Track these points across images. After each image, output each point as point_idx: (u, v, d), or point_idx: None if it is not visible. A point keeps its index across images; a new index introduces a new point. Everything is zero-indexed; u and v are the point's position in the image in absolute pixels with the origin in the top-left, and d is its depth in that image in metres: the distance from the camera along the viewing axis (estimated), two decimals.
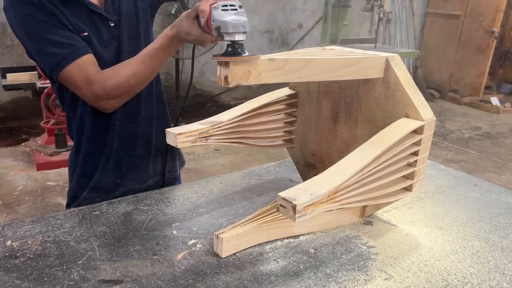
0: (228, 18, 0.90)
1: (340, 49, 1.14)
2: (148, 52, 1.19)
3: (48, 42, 1.15)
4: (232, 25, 0.89)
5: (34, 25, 1.14)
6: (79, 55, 1.17)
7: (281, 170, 1.55)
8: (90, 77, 1.18)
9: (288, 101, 1.29)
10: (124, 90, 1.21)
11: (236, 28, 0.89)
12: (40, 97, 3.77)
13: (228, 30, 0.89)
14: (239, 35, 0.89)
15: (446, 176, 1.55)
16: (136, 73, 1.19)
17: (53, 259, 0.98)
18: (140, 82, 1.22)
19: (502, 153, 4.88)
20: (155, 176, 1.47)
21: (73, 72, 1.17)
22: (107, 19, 1.25)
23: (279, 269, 0.98)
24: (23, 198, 3.38)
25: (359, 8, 5.42)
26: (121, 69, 1.20)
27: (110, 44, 1.26)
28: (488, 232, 1.17)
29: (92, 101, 1.23)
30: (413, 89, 1.04)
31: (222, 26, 0.91)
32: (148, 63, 1.19)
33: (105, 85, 1.18)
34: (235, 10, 0.92)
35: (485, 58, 6.53)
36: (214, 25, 0.94)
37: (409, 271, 0.99)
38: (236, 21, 0.89)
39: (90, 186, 1.36)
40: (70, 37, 1.17)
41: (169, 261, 0.99)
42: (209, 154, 4.42)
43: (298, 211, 0.78)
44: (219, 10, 0.93)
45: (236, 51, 0.88)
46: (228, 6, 0.93)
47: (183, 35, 1.12)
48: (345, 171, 0.88)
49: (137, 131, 1.37)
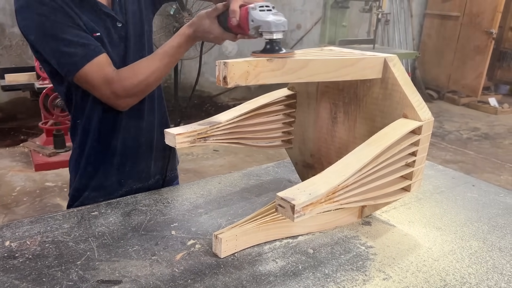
0: (270, 18, 0.96)
1: (338, 50, 1.15)
2: (165, 50, 1.22)
3: (65, 42, 1.16)
4: (274, 24, 0.95)
5: (50, 26, 1.15)
6: (96, 54, 1.18)
7: (280, 171, 1.56)
8: (108, 76, 1.19)
9: (287, 101, 1.30)
10: (143, 88, 1.24)
11: (278, 27, 0.95)
12: (39, 97, 3.77)
13: (271, 29, 0.95)
14: (278, 33, 0.96)
15: (445, 177, 1.56)
16: (154, 71, 1.22)
17: (52, 260, 0.98)
18: (158, 79, 1.25)
19: (500, 153, 4.89)
20: (156, 175, 1.49)
21: (90, 72, 1.18)
22: (116, 19, 1.26)
23: (278, 269, 0.98)
24: (22, 199, 3.37)
25: (358, 9, 5.43)
26: (139, 68, 1.22)
27: (118, 45, 1.28)
28: (486, 232, 1.18)
29: (110, 100, 1.24)
30: (411, 90, 1.04)
31: (264, 25, 0.97)
32: (165, 61, 1.22)
33: (125, 83, 1.20)
34: (270, 11, 0.99)
35: (483, 59, 6.54)
36: (253, 24, 1.00)
37: (407, 271, 0.99)
38: (278, 21, 0.96)
39: (93, 186, 1.37)
40: (85, 37, 1.18)
41: (168, 262, 0.99)
42: (207, 155, 4.42)
43: (297, 211, 0.78)
44: (257, 11, 0.99)
45: (274, 49, 0.94)
46: (264, 7, 1.00)
47: (202, 34, 1.16)
48: (344, 171, 0.89)
49: (140, 131, 1.39)
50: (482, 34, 6.49)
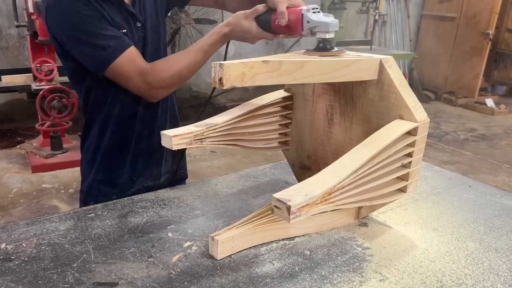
0: (328, 20, 1.05)
1: None
2: (201, 46, 1.26)
3: (97, 36, 1.19)
4: (332, 25, 1.05)
5: (82, 21, 1.18)
6: (127, 46, 1.22)
7: (277, 172, 1.56)
8: (142, 68, 1.23)
9: (283, 103, 1.30)
10: (176, 80, 1.28)
11: (334, 27, 1.05)
12: (35, 99, 3.75)
13: (329, 30, 1.05)
14: (331, 33, 1.05)
15: (441, 178, 1.56)
16: (188, 65, 1.26)
17: (48, 262, 0.98)
18: (191, 73, 1.29)
19: (497, 154, 4.90)
20: (166, 174, 1.52)
21: (124, 64, 1.21)
22: (137, 19, 1.30)
23: (275, 271, 0.98)
24: (18, 201, 3.36)
25: (355, 10, 5.45)
26: (174, 60, 1.26)
27: (137, 44, 1.31)
28: (483, 233, 1.18)
29: (143, 91, 1.28)
30: (407, 91, 1.05)
31: (322, 26, 1.06)
32: (200, 56, 1.27)
33: (160, 75, 1.24)
34: (320, 12, 1.09)
35: (480, 60, 6.56)
36: (309, 25, 1.09)
37: (404, 272, 0.99)
38: (334, 22, 1.05)
39: (108, 182, 1.41)
40: (114, 31, 1.22)
41: (164, 264, 0.99)
42: (205, 156, 4.41)
43: (293, 212, 0.78)
44: (311, 13, 1.09)
45: (326, 47, 1.05)
46: (315, 9, 1.10)
47: (240, 33, 1.22)
48: (340, 173, 0.89)
49: (154, 130, 1.42)
50: (479, 35, 6.51)
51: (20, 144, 4.38)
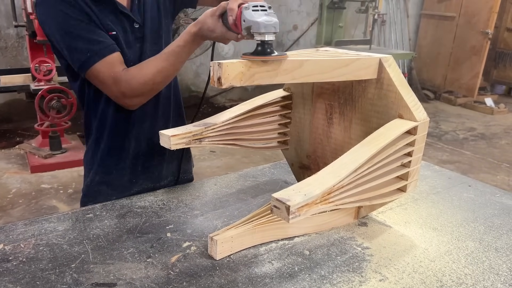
0: (260, 19, 0.93)
1: (333, 50, 1.14)
2: (172, 49, 1.22)
3: (80, 38, 1.18)
4: (264, 25, 0.92)
5: (67, 22, 1.17)
6: (108, 53, 1.19)
7: (276, 172, 1.55)
8: (117, 75, 1.20)
9: (283, 102, 1.29)
10: (150, 87, 1.24)
11: (268, 28, 0.92)
12: (34, 99, 3.74)
13: (260, 30, 0.92)
14: (269, 35, 0.92)
15: (441, 177, 1.56)
16: (161, 70, 1.22)
17: (46, 263, 0.98)
18: (165, 79, 1.25)
19: (497, 153, 4.90)
20: (169, 177, 1.50)
21: (101, 70, 1.19)
22: (133, 20, 1.28)
23: (274, 271, 0.98)
24: (17, 201, 3.35)
25: (354, 9, 5.44)
26: (146, 67, 1.23)
27: (134, 45, 1.29)
28: (483, 233, 1.18)
29: (118, 99, 1.25)
30: (406, 90, 1.04)
31: (254, 26, 0.94)
32: (172, 60, 1.22)
33: (132, 83, 1.21)
34: (265, 11, 0.96)
35: (479, 59, 6.56)
36: (245, 24, 0.97)
37: (403, 272, 0.99)
38: (268, 21, 0.92)
39: (106, 183, 1.39)
40: (100, 34, 1.20)
41: (163, 264, 0.99)
42: (204, 156, 4.41)
43: (292, 212, 0.78)
44: (250, 11, 0.96)
45: (265, 51, 0.91)
46: (258, 6, 0.96)
47: (207, 32, 1.16)
48: (339, 172, 0.88)
49: (154, 132, 1.39)
50: (478, 35, 6.51)
51: (19, 144, 4.37)
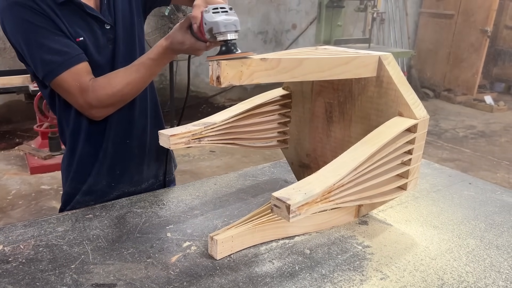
0: (219, 19, 0.93)
1: (333, 49, 1.14)
2: (142, 62, 1.20)
3: (44, 48, 1.14)
4: (223, 24, 0.92)
5: (30, 30, 1.13)
6: (74, 63, 1.16)
7: (276, 171, 1.55)
8: (83, 86, 1.17)
9: (282, 101, 1.29)
10: (118, 99, 1.21)
11: (228, 27, 0.92)
12: (33, 100, 3.74)
13: (220, 30, 0.92)
14: (231, 34, 0.92)
15: (441, 175, 1.55)
16: (130, 82, 1.19)
17: (46, 264, 0.97)
18: (133, 91, 1.23)
19: (497, 151, 4.90)
20: (150, 179, 1.47)
21: (66, 80, 1.16)
22: (103, 22, 1.24)
23: (275, 270, 0.97)
24: (17, 202, 3.35)
25: (353, 8, 5.44)
26: (115, 78, 1.19)
27: (106, 47, 1.26)
28: (483, 230, 1.17)
29: (84, 109, 1.22)
30: (406, 88, 1.04)
31: (214, 26, 0.93)
32: (142, 72, 1.20)
33: (99, 93, 1.18)
34: (225, 12, 0.95)
35: (478, 57, 6.56)
36: (206, 27, 0.96)
37: (404, 270, 0.99)
38: (227, 20, 0.93)
39: (84, 190, 1.35)
40: (66, 44, 1.16)
41: (163, 264, 0.99)
42: (204, 156, 4.40)
43: (292, 211, 0.77)
44: (210, 13, 0.96)
45: (229, 50, 0.91)
46: (218, 8, 0.96)
47: (177, 45, 1.14)
48: (339, 171, 0.88)
49: (131, 134, 1.37)
50: (477, 33, 6.51)
51: (19, 146, 4.37)
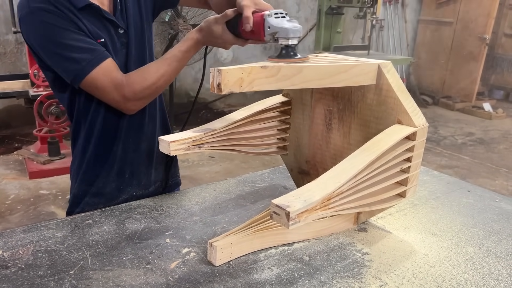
0: (288, 25, 1.01)
1: (332, 56, 1.15)
2: (174, 54, 1.24)
3: (71, 48, 1.16)
4: (292, 31, 1.00)
5: (55, 33, 1.15)
6: (102, 59, 1.19)
7: (275, 177, 1.55)
8: (117, 80, 1.20)
9: (282, 108, 1.29)
10: (152, 91, 1.25)
11: (295, 33, 1.00)
12: (33, 105, 3.74)
13: (289, 36, 1.00)
14: (294, 39, 1.00)
15: (440, 182, 1.56)
16: (163, 74, 1.24)
17: (45, 269, 0.97)
18: (166, 83, 1.27)
19: (495, 158, 4.91)
20: (157, 182, 1.49)
21: (98, 77, 1.18)
22: (118, 26, 1.28)
23: (274, 277, 0.97)
24: (16, 207, 3.34)
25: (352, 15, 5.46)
26: (149, 72, 1.24)
27: (120, 51, 1.29)
28: (482, 238, 1.18)
29: (119, 103, 1.25)
30: (405, 96, 1.05)
31: (282, 32, 1.01)
32: (174, 65, 1.24)
33: (135, 87, 1.22)
34: (285, 18, 1.03)
35: (477, 64, 6.59)
36: (270, 31, 1.04)
37: (403, 278, 0.99)
38: (295, 27, 1.00)
39: (93, 192, 1.37)
40: (90, 42, 1.19)
41: (162, 270, 0.98)
42: (203, 161, 4.40)
43: (292, 218, 0.78)
44: (273, 18, 1.03)
45: (289, 54, 0.99)
46: (279, 14, 1.04)
47: (211, 39, 1.20)
48: (339, 178, 0.88)
49: (141, 138, 1.40)
50: (476, 40, 6.54)
51: (18, 150, 4.36)
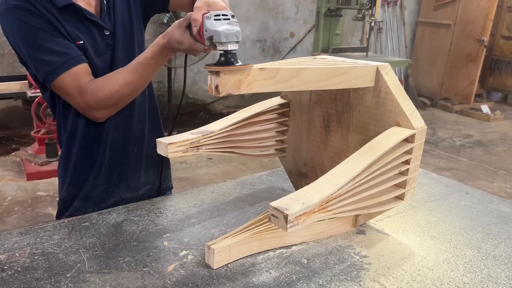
0: (221, 28, 0.91)
1: (331, 58, 1.15)
2: (139, 61, 1.19)
3: (43, 50, 1.15)
4: (225, 34, 0.90)
5: (30, 33, 1.14)
6: (74, 64, 1.17)
7: (274, 179, 1.55)
8: (82, 87, 1.17)
9: (280, 110, 1.29)
10: (116, 100, 1.21)
11: (229, 37, 0.89)
12: (31, 106, 3.74)
13: (221, 40, 0.90)
14: (231, 44, 0.89)
15: (438, 185, 1.55)
16: (128, 83, 1.19)
17: (41, 272, 0.96)
18: (132, 92, 1.22)
19: (493, 160, 4.91)
20: (147, 185, 1.47)
21: (66, 81, 1.16)
22: (103, 27, 1.25)
23: (272, 280, 0.97)
24: (13, 209, 3.33)
25: (351, 17, 5.47)
26: (113, 79, 1.19)
27: (104, 53, 1.27)
28: (481, 241, 1.17)
29: (84, 111, 1.22)
30: (403, 98, 1.04)
31: (215, 35, 0.91)
32: (139, 72, 1.19)
33: (97, 94, 1.18)
34: (227, 20, 0.93)
35: (475, 66, 6.60)
36: (207, 34, 0.94)
37: (402, 280, 0.98)
38: (229, 30, 0.90)
39: (81, 196, 1.35)
40: (65, 45, 1.17)
41: (159, 273, 0.98)
42: (201, 163, 4.40)
43: (290, 221, 0.77)
44: (212, 20, 0.93)
45: (229, 61, 0.88)
46: (220, 15, 0.94)
47: (175, 44, 1.12)
48: (337, 180, 0.88)
49: (129, 140, 1.37)
50: (474, 42, 6.55)
51: (15, 152, 4.35)
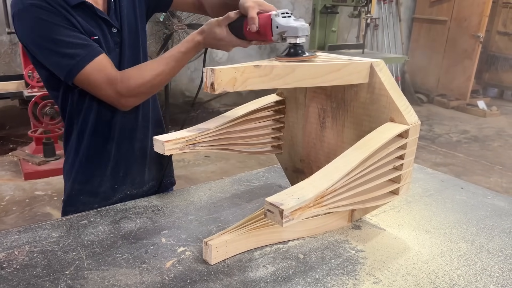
0: (296, 24, 1.03)
1: (325, 55, 1.15)
2: (173, 54, 1.24)
3: (65, 44, 1.17)
4: (301, 29, 1.02)
5: (49, 29, 1.16)
6: (96, 55, 1.19)
7: (270, 176, 1.56)
8: (111, 76, 1.21)
9: (276, 107, 1.30)
10: (147, 89, 1.26)
11: (304, 32, 1.02)
12: (28, 106, 3.73)
13: (298, 34, 1.02)
14: (302, 38, 1.02)
15: (433, 180, 1.57)
16: (160, 73, 1.24)
17: (40, 270, 0.97)
18: (162, 82, 1.27)
19: (490, 156, 4.94)
20: (151, 181, 1.49)
21: (92, 72, 1.19)
22: (111, 25, 1.28)
23: (269, 275, 0.98)
24: (11, 208, 3.33)
25: (347, 14, 5.47)
26: (145, 69, 1.24)
27: (113, 51, 1.29)
28: (475, 235, 1.19)
29: (113, 99, 1.25)
30: (397, 94, 1.05)
31: (290, 31, 1.03)
32: (172, 65, 1.24)
33: (129, 83, 1.22)
34: (290, 17, 1.06)
35: (471, 62, 6.62)
36: (278, 30, 1.06)
37: (397, 274, 1.00)
38: (303, 26, 1.02)
39: (88, 191, 1.37)
40: (84, 38, 1.20)
41: (158, 269, 0.99)
42: (199, 161, 4.41)
43: (285, 216, 0.78)
44: (281, 17, 1.06)
45: (298, 52, 1.01)
46: (285, 13, 1.06)
47: (213, 41, 1.20)
48: (332, 176, 0.89)
49: (135, 137, 1.40)
50: (470, 38, 6.57)
51: (13, 151, 4.35)
